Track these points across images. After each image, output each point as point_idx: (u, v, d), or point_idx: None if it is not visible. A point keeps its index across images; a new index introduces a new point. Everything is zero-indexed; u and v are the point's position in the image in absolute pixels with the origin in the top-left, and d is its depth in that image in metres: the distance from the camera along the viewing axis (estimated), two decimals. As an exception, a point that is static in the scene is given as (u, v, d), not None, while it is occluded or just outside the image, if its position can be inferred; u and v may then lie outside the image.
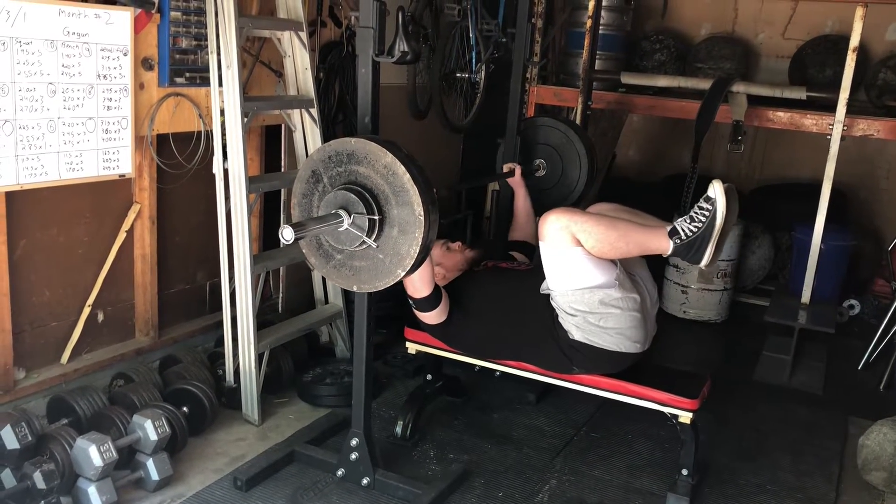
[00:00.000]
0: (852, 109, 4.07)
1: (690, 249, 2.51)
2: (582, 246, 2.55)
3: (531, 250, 3.42)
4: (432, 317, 2.85)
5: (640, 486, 2.98)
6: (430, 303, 2.77)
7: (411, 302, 2.80)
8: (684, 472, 2.82)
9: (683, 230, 2.51)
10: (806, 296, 4.17)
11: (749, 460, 3.21)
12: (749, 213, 5.16)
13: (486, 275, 3.03)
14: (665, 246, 2.54)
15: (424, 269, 2.60)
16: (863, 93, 5.10)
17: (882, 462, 2.99)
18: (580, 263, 2.59)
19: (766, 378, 4.02)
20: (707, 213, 2.47)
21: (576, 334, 2.70)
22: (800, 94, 4.30)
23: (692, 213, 2.52)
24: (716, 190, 2.47)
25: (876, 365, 4.22)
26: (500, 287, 2.98)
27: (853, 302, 5.01)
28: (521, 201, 3.50)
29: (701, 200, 2.52)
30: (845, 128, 4.01)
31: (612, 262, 2.63)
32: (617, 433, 3.37)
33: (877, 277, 5.21)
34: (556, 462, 3.13)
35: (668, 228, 2.55)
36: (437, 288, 2.76)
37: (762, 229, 5.19)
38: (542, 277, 2.75)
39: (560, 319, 2.72)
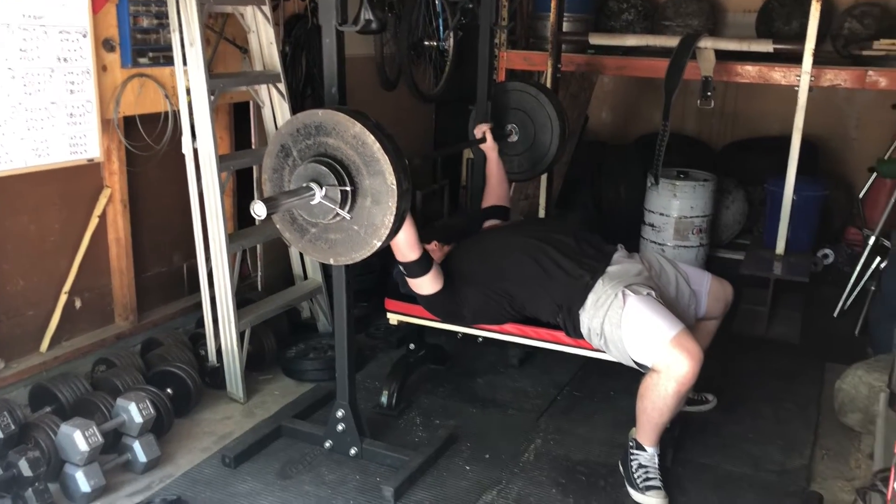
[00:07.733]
0: (819, 60, 4.08)
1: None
2: (663, 373, 2.60)
3: (507, 213, 3.43)
4: (427, 284, 2.78)
5: (624, 441, 3.01)
6: (420, 266, 2.72)
7: (402, 269, 2.75)
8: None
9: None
10: (780, 247, 4.22)
11: (730, 411, 3.27)
12: (722, 169, 5.21)
13: (465, 245, 3.02)
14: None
15: (408, 232, 2.59)
16: (829, 43, 5.12)
17: (858, 404, 3.06)
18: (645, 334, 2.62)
19: (744, 330, 4.08)
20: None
21: (583, 322, 2.74)
22: (766, 46, 4.30)
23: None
24: None
25: (851, 312, 4.29)
26: (483, 244, 3.00)
27: (827, 251, 5.07)
28: (494, 165, 3.46)
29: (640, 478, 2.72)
30: (813, 78, 4.03)
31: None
32: (599, 391, 3.42)
33: (849, 226, 5.28)
34: (540, 422, 3.17)
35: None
36: (425, 252, 2.74)
37: (735, 184, 5.23)
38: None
39: (582, 311, 2.73)
